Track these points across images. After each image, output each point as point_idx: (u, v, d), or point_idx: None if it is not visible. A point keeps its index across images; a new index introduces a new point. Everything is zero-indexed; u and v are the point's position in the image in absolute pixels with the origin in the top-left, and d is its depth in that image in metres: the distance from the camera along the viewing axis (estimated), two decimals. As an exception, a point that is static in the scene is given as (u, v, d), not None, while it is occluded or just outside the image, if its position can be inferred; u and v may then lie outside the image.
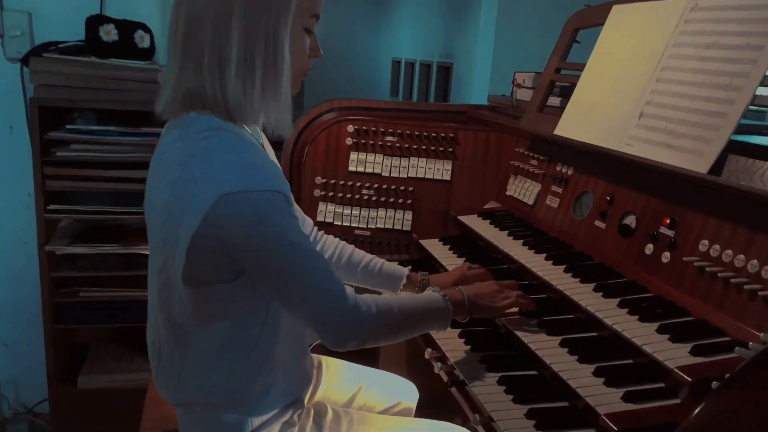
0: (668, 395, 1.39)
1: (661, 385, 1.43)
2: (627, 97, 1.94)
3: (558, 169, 2.29)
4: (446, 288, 1.80)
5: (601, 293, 1.72)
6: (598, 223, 2.01)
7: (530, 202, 2.37)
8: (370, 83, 12.66)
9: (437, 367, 1.80)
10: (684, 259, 1.62)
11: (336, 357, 2.07)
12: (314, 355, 2.01)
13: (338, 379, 2.00)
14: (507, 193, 2.54)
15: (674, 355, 1.40)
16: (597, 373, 1.49)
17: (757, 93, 1.53)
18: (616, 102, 1.98)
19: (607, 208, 1.99)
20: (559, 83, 2.45)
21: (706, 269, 1.54)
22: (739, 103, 1.55)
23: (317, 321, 1.41)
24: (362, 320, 1.41)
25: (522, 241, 2.14)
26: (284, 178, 1.40)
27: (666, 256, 1.71)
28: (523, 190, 2.44)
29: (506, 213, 2.47)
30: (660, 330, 1.49)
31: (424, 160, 2.70)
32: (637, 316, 1.57)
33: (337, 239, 2.02)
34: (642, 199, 1.86)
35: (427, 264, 2.39)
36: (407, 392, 2.12)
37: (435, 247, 2.40)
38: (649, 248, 1.77)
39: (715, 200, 1.59)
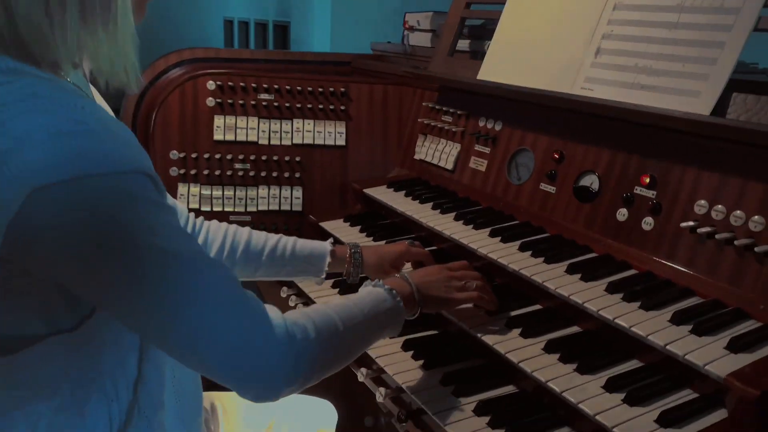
0: (709, 406, 1.08)
1: (692, 393, 1.12)
2: (572, 30, 1.58)
3: (482, 124, 1.91)
4: (387, 271, 1.34)
5: (578, 275, 1.36)
6: (546, 187, 1.66)
7: (448, 166, 1.98)
8: (202, 46, 11.55)
9: (380, 394, 1.36)
10: (681, 225, 1.31)
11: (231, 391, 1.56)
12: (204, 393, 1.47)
13: (240, 423, 1.48)
14: (416, 157, 2.12)
15: (710, 354, 1.08)
16: (609, 387, 1.14)
17: (762, 15, 1.24)
18: (557, 37, 1.62)
19: (556, 168, 1.65)
20: (469, 22, 2.06)
21: (716, 236, 1.25)
22: (738, 28, 1.25)
23: (232, 372, 0.89)
24: (301, 355, 0.93)
25: (453, 214, 1.74)
26: (143, 150, 0.87)
27: (648, 223, 1.40)
28: (437, 152, 2.03)
29: (419, 181, 2.06)
30: (676, 320, 1.17)
31: (311, 122, 2.18)
32: (638, 303, 1.24)
33: (225, 224, 1.46)
34: (605, 155, 1.53)
35: (332, 252, 1.91)
36: (324, 415, 1.67)
37: (342, 230, 1.92)
38: (623, 214, 1.45)
39: (716, 150, 1.29)
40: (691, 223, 1.30)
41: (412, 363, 1.38)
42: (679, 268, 1.31)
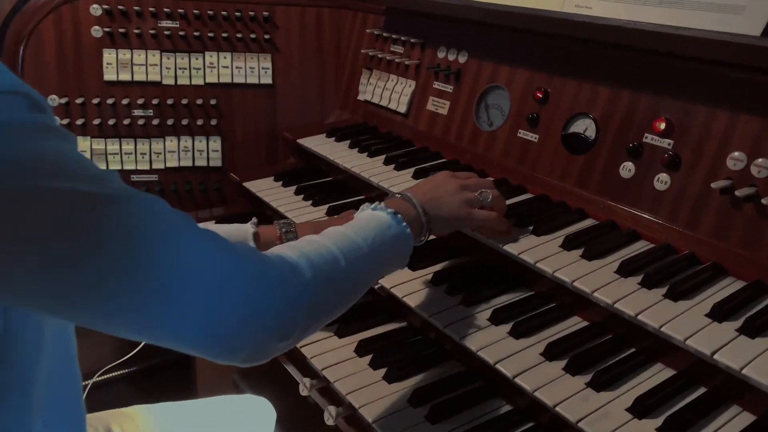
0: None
1: (743, 411, 0.86)
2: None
3: (441, 56, 1.54)
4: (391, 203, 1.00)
5: (578, 251, 1.07)
6: (526, 135, 1.34)
7: (401, 109, 1.62)
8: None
9: (330, 414, 1.04)
10: (712, 185, 1.02)
11: (140, 404, 1.25)
12: (97, 418, 1.15)
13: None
14: (360, 97, 1.75)
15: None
16: (637, 410, 0.85)
17: None
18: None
19: (539, 111, 1.32)
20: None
21: (762, 200, 0.96)
22: None
23: (206, 332, 0.67)
24: (296, 298, 0.74)
25: (412, 170, 1.40)
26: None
27: (662, 181, 1.10)
28: (386, 91, 1.66)
29: (365, 128, 1.69)
30: (717, 315, 0.89)
31: (228, 55, 1.76)
32: (661, 290, 0.95)
33: None
34: (604, 93, 1.21)
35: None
36: (261, 415, 1.37)
37: (272, 192, 1.55)
38: (628, 169, 1.15)
39: (762, 85, 0.99)
40: (723, 183, 1.01)
41: (371, 374, 1.06)
42: (706, 239, 1.03)
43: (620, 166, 1.16)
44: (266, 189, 1.56)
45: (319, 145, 1.61)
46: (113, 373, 1.89)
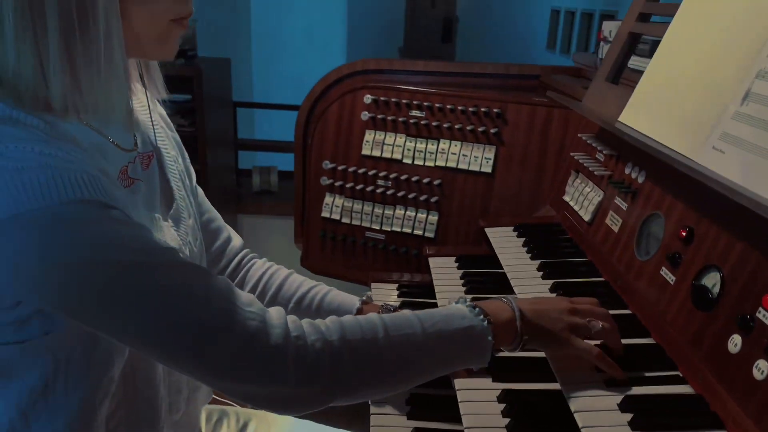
0: None
1: None
2: (725, 66, 1.10)
3: (627, 172, 1.48)
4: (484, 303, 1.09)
5: (641, 420, 0.97)
6: (666, 274, 1.22)
7: (587, 217, 1.59)
8: (526, 35, 11.45)
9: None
10: (786, 393, 0.82)
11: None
12: (237, 411, 1.48)
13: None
14: (565, 197, 1.77)
15: None
16: None
17: None
18: (705, 76, 1.15)
19: (682, 251, 1.19)
20: (648, 36, 1.60)
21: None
22: None
23: (234, 387, 0.88)
24: (316, 361, 0.88)
25: (551, 283, 1.40)
26: (100, 179, 0.85)
27: (761, 369, 0.91)
28: (581, 197, 1.65)
29: (553, 228, 1.71)
30: None
31: (458, 143, 1.99)
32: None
33: (268, 264, 1.45)
34: (738, 247, 1.05)
35: (430, 294, 1.73)
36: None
37: (445, 271, 1.72)
38: (735, 343, 0.98)
39: None
40: (810, 394, 0.80)
41: None
42: (778, 457, 0.83)
43: (729, 338, 0.99)
44: (443, 268, 1.73)
45: (497, 236, 1.71)
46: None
